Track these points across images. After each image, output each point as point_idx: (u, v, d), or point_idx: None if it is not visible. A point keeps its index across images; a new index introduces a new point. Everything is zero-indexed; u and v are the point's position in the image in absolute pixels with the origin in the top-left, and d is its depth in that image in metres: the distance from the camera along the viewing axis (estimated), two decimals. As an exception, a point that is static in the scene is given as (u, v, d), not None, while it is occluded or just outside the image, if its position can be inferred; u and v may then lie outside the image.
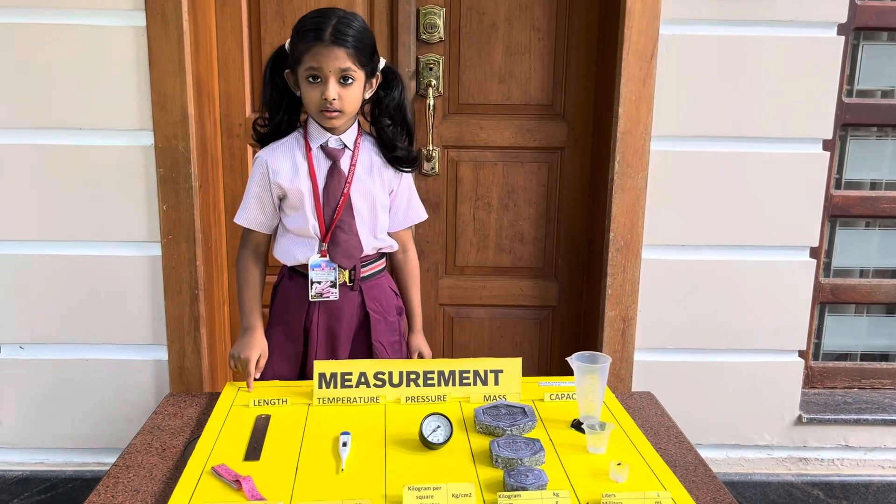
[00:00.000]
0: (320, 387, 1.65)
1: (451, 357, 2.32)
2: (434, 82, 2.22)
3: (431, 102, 2.20)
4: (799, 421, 2.31)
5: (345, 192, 1.70)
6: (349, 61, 1.59)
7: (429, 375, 1.69)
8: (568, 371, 1.65)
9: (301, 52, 1.59)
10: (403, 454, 1.44)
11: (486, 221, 2.35)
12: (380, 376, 1.67)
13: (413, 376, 1.68)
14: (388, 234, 1.81)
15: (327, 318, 1.77)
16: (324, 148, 1.70)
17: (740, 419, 2.31)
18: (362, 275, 1.75)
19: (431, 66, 2.22)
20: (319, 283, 1.72)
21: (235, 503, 1.23)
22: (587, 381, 1.52)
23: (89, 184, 2.10)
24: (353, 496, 1.27)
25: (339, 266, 1.72)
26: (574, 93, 2.27)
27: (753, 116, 2.12)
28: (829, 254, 2.39)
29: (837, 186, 2.35)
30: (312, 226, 1.69)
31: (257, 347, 1.74)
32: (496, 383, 1.69)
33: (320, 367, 1.66)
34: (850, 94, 2.29)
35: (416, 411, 1.59)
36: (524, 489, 1.27)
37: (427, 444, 1.44)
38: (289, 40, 1.64)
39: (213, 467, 1.36)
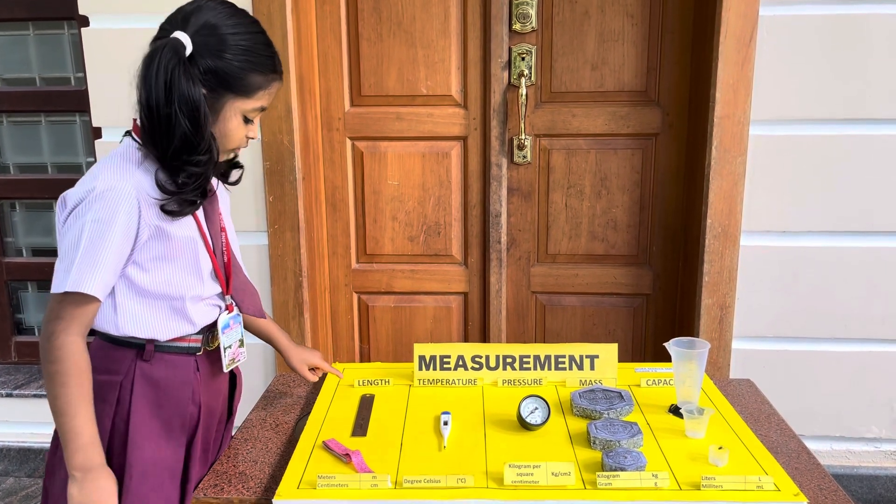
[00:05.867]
0: (420, 368, 1.72)
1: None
2: (526, 71, 2.24)
3: (524, 91, 2.22)
4: (910, 413, 2.22)
5: (222, 226, 1.39)
6: None
7: (525, 359, 1.73)
8: (663, 359, 1.65)
9: (255, 86, 1.25)
10: (502, 434, 1.48)
11: (579, 209, 2.36)
12: (477, 359, 1.72)
13: (509, 360, 1.72)
14: None
15: (210, 395, 1.41)
16: None
17: (846, 410, 2.24)
18: None
19: (524, 55, 2.25)
20: (230, 346, 1.40)
21: (346, 475, 1.31)
22: (685, 366, 1.53)
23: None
24: (456, 472, 1.33)
25: (250, 314, 1.46)
26: (668, 78, 2.25)
27: (860, 97, 2.04)
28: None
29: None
30: (211, 275, 1.35)
31: (113, 490, 1.24)
32: (592, 368, 1.71)
33: (420, 349, 1.73)
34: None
35: (513, 394, 1.64)
36: (623, 470, 1.29)
37: (525, 425, 1.49)
38: (222, 61, 1.21)
39: (324, 441, 1.44)
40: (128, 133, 1.31)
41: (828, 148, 2.08)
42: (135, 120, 1.30)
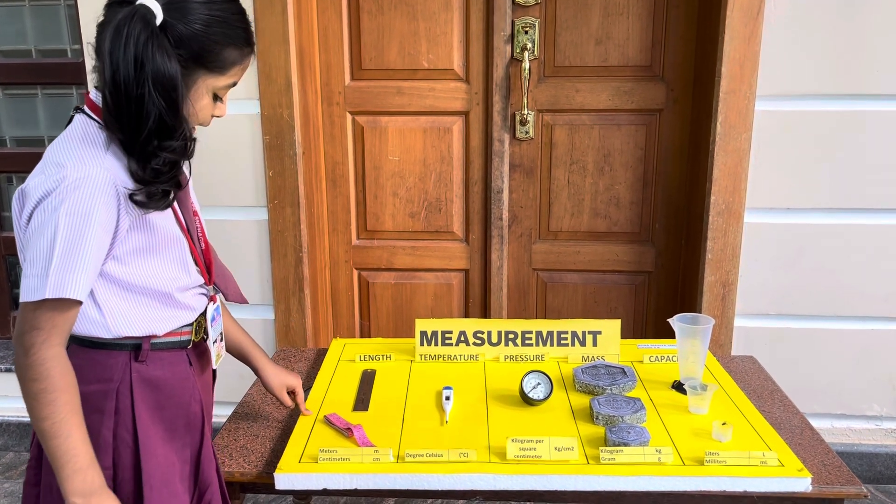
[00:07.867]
0: (422, 344, 1.71)
1: (546, 321, 2.33)
2: (529, 45, 2.21)
3: (526, 66, 2.19)
4: (911, 392, 2.21)
5: (194, 209, 1.28)
6: None
7: (527, 335, 1.72)
8: (665, 336, 1.64)
9: (229, 62, 1.14)
10: (504, 409, 1.48)
11: (581, 186, 2.34)
12: (479, 335, 1.71)
13: (512, 336, 1.71)
14: None
15: (204, 391, 1.30)
16: None
17: (847, 388, 2.23)
18: None
19: (527, 29, 2.21)
20: (217, 340, 1.31)
21: (348, 448, 1.30)
22: (689, 342, 1.52)
23: (198, 153, 2.21)
24: (458, 446, 1.32)
25: (233, 300, 1.36)
26: (673, 53, 2.22)
27: (868, 73, 2.01)
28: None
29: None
30: (193, 265, 1.24)
31: None
32: (594, 344, 1.70)
33: (422, 325, 1.71)
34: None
35: (515, 370, 1.63)
36: (626, 445, 1.29)
37: (527, 401, 1.48)
38: (194, 34, 1.09)
39: (325, 416, 1.44)
40: (78, 109, 1.15)
41: (834, 124, 2.06)
42: (86, 94, 1.17)
